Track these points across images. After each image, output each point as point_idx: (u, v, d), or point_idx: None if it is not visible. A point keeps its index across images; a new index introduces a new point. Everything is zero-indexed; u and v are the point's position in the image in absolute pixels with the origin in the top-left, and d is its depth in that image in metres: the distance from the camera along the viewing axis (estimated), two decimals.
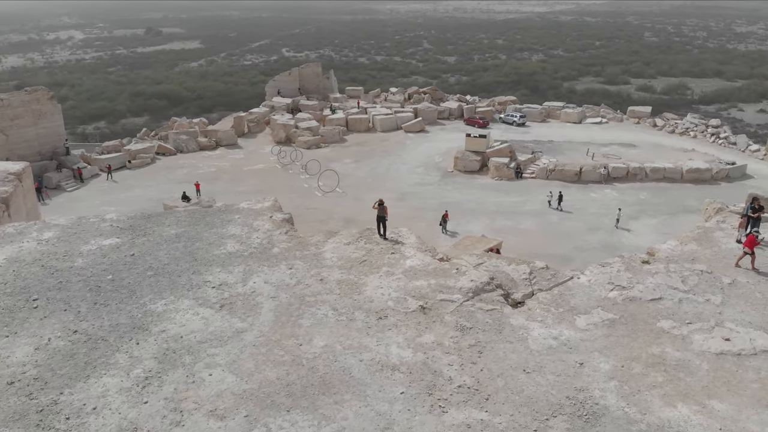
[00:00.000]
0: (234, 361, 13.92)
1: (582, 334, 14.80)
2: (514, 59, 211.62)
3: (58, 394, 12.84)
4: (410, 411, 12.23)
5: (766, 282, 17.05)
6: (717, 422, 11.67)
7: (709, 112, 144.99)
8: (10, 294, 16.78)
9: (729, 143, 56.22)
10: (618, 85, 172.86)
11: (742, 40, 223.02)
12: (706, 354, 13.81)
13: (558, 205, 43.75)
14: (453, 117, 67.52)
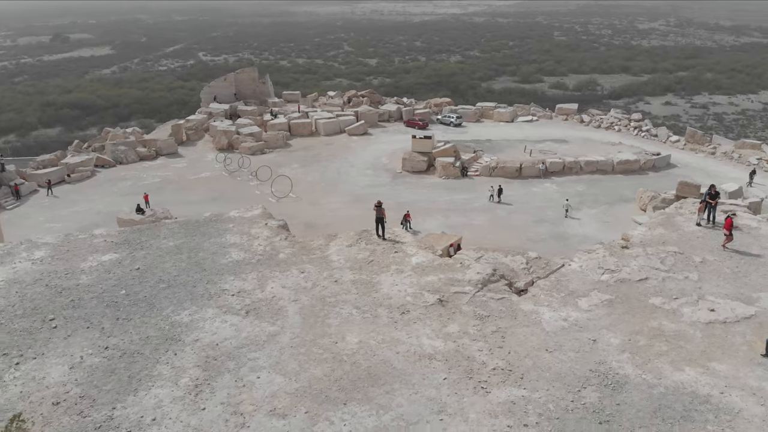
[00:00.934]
0: (277, 362, 14.50)
1: (587, 315, 16.42)
2: (433, 61, 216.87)
3: (111, 410, 13.00)
4: (457, 394, 13.31)
5: (730, 259, 19.41)
6: (721, 381, 13.52)
7: (618, 106, 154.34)
8: (22, 315, 16.50)
9: (651, 135, 61.17)
10: (533, 83, 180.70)
11: (645, 37, 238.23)
12: (697, 324, 15.76)
13: (498, 198, 46.03)
14: (393, 119, 68.99)
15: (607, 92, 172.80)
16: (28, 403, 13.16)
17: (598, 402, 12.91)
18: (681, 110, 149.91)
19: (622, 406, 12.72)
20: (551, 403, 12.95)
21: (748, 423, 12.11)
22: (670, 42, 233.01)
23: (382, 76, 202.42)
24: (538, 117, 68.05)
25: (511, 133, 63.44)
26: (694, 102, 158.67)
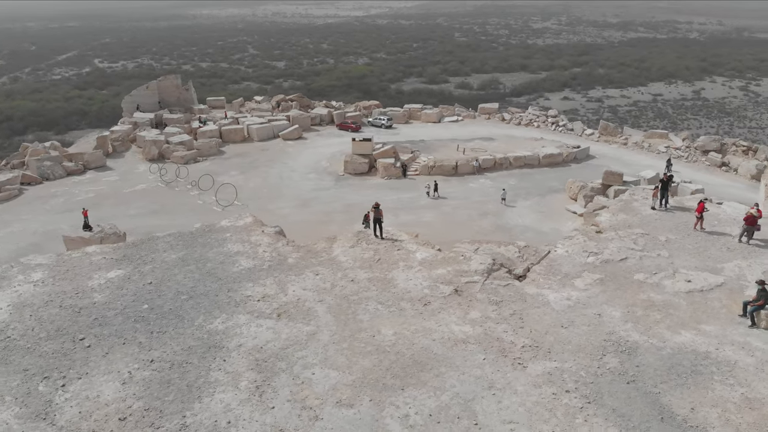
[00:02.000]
0: (325, 358, 15.40)
1: (585, 293, 18.49)
2: (342, 63, 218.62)
3: (182, 418, 13.43)
4: (499, 371, 14.84)
5: (688, 236, 22.27)
6: (713, 339, 15.91)
7: (521, 103, 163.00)
8: (48, 338, 16.31)
9: (567, 129, 65.94)
10: (439, 84, 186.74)
11: (539, 36, 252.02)
12: (679, 294, 18.23)
13: (435, 193, 48.35)
14: (324, 123, 69.72)
15: (509, 90, 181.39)
16: (93, 421, 13.30)
17: (620, 366, 14.88)
18: (578, 104, 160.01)
19: (641, 367, 14.75)
20: (582, 370, 14.76)
21: (744, 371, 14.48)
22: (563, 40, 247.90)
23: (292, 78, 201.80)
24: (463, 117, 71.28)
25: (440, 133, 66.12)
26: (589, 96, 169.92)
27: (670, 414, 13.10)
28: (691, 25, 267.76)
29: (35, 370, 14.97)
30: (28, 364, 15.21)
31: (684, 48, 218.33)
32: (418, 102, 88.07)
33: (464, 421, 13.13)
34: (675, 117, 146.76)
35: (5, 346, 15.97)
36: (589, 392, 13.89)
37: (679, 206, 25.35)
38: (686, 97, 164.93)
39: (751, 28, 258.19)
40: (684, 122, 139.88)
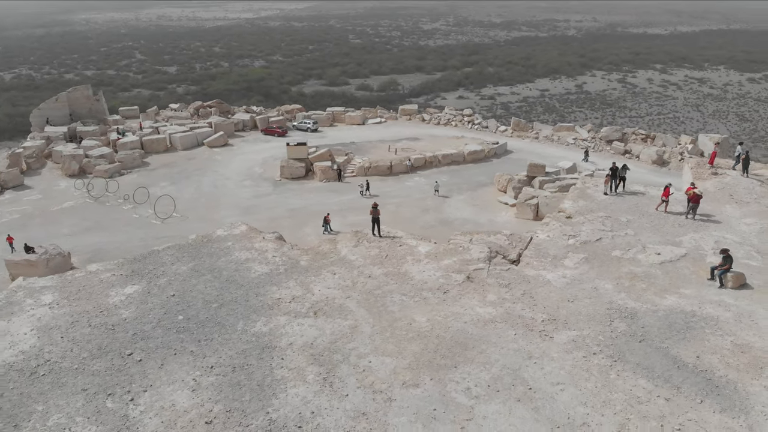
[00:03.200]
0: (375, 348, 16.71)
1: (576, 271, 21.01)
2: (237, 66, 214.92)
3: (266, 414, 14.27)
4: (532, 343, 16.86)
5: (644, 217, 25.56)
6: (694, 300, 18.85)
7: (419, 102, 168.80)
8: (92, 357, 16.38)
9: (482, 127, 70.00)
10: (340, 86, 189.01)
11: (430, 37, 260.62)
12: (654, 265, 21.19)
13: (368, 191, 50.26)
14: (248, 128, 69.25)
15: (408, 91, 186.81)
16: (179, 428, 13.82)
17: (628, 329, 17.39)
18: (473, 102, 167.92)
19: (645, 328, 17.34)
20: (599, 335, 17.11)
21: (726, 323, 17.46)
22: (452, 41, 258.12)
23: (186, 83, 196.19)
24: (385, 118, 73.53)
25: (367, 134, 67.94)
26: (482, 94, 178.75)
27: (682, 363, 15.70)
28: (568, 22, 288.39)
29: (95, 389, 15.09)
30: (84, 384, 15.27)
31: (564, 45, 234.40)
32: (321, 104, 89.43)
33: (519, 387, 15.00)
34: (562, 110, 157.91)
35: (51, 369, 15.86)
36: (612, 352, 16.23)
37: (628, 191, 28.80)
38: (570, 91, 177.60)
39: (624, 24, 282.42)
40: (570, 115, 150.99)
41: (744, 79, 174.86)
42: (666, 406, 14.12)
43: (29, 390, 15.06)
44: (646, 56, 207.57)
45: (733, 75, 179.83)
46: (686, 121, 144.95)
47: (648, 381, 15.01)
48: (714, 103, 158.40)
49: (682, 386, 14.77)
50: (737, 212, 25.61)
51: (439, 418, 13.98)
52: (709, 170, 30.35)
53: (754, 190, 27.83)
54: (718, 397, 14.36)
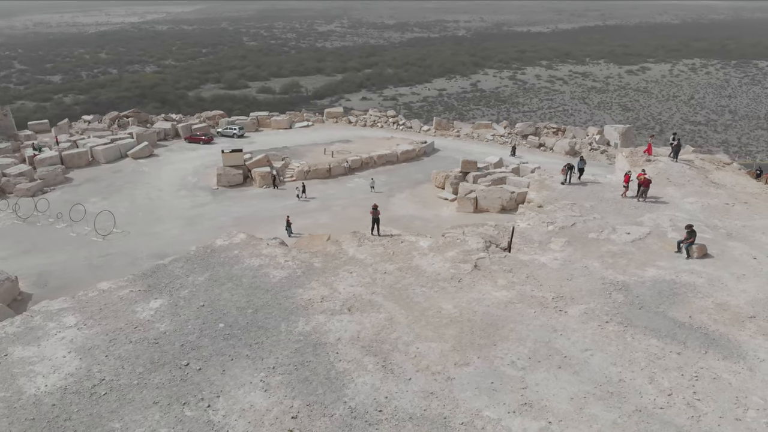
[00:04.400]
0: (417, 335, 18.15)
1: (564, 253, 23.51)
2: (127, 72, 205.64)
3: (344, 403, 15.34)
4: (552, 319, 19.02)
5: (603, 201, 28.67)
6: (670, 270, 21.84)
7: (324, 104, 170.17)
8: (147, 371, 16.61)
9: (407, 127, 72.54)
10: (240, 89, 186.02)
11: (326, 39, 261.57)
12: (627, 243, 24.13)
13: (303, 194, 51.15)
14: (170, 137, 67.31)
15: (311, 93, 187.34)
16: (269, 426, 14.59)
17: (626, 299, 20.01)
18: (376, 103, 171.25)
19: (640, 297, 20.04)
20: (605, 306, 19.58)
21: (703, 288, 20.54)
22: (349, 42, 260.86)
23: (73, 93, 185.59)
24: (312, 122, 74.16)
25: (297, 138, 68.37)
26: (384, 95, 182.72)
27: (680, 323, 18.46)
28: (458, 23, 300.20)
29: (167, 400, 15.42)
30: (153, 397, 15.54)
31: (456, 45, 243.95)
32: (222, 109, 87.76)
33: (555, 356, 17.05)
34: (460, 108, 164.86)
35: (110, 387, 15.92)
36: (621, 320, 18.72)
37: (577, 182, 31.98)
38: (466, 89, 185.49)
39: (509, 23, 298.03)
40: (469, 112, 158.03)
41: (623, 72, 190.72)
42: (679, 359, 16.72)
43: (97, 410, 15.12)
44: (532, 54, 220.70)
45: (612, 68, 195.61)
46: (574, 113, 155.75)
47: (658, 340, 17.59)
48: (598, 95, 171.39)
49: (686, 342, 17.47)
50: (678, 193, 29.43)
51: (499, 390, 15.71)
52: (644, 158, 34.28)
53: (686, 173, 31.97)
54: (718, 348, 17.18)
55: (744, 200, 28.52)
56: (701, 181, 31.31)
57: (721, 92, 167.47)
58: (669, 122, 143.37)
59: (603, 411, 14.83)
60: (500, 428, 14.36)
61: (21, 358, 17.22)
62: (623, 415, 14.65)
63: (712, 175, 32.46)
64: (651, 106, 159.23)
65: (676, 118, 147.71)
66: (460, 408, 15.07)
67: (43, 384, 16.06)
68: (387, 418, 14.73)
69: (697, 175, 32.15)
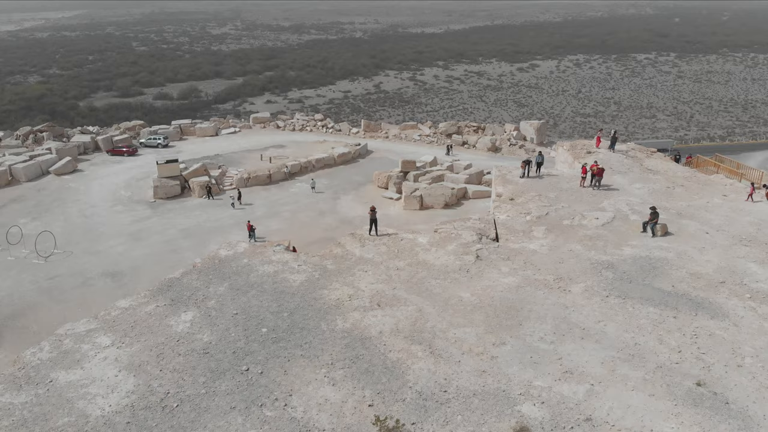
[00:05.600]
0: (450, 323, 19.78)
1: (548, 240, 26.02)
2: (8, 84, 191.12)
3: (409, 388, 16.67)
4: (560, 297, 21.30)
5: (562, 191, 31.61)
6: (643, 248, 24.86)
7: (227, 109, 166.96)
8: (210, 380, 17.08)
9: (336, 130, 73.41)
10: (134, 96, 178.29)
11: (221, 42, 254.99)
12: (598, 227, 27.04)
13: (239, 201, 51.20)
14: (90, 150, 64.10)
15: (212, 97, 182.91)
16: (350, 415, 15.65)
17: (615, 275, 22.74)
18: (282, 106, 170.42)
19: (626, 272, 22.85)
20: (601, 283, 22.15)
21: (674, 260, 23.70)
22: (246, 45, 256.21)
23: None
24: (240, 128, 73.37)
25: (228, 145, 67.56)
26: (290, 97, 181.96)
27: (666, 292, 21.38)
28: (353, 25, 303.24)
29: (243, 404, 16.03)
30: (228, 403, 16.08)
31: (355, 47, 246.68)
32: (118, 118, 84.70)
33: (575, 329, 19.32)
34: (367, 110, 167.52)
35: (180, 399, 16.25)
36: (618, 293, 21.37)
37: (534, 175, 34.86)
38: (370, 91, 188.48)
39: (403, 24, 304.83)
40: (376, 113, 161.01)
41: (514, 69, 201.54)
42: (677, 322, 19.53)
43: (177, 421, 15.47)
44: (428, 54, 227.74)
45: (504, 66, 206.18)
46: (474, 111, 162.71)
47: (654, 308, 20.36)
48: (493, 93, 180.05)
49: (678, 307, 20.36)
50: (624, 180, 33.07)
51: (539, 362, 17.69)
52: (584, 150, 37.87)
53: (624, 162, 35.83)
54: (704, 310, 20.20)
55: (680, 183, 32.62)
56: (638, 168, 35.26)
57: (605, 85, 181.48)
58: (561, 115, 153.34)
59: (631, 371, 17.20)
60: (554, 394, 16.32)
61: (69, 382, 17.03)
62: (649, 372, 17.10)
63: (645, 163, 36.58)
64: (543, 101, 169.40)
65: (567, 112, 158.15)
66: (512, 381, 16.88)
67: (106, 405, 16.08)
68: (453, 396, 16.26)
69: (634, 163, 36.12)
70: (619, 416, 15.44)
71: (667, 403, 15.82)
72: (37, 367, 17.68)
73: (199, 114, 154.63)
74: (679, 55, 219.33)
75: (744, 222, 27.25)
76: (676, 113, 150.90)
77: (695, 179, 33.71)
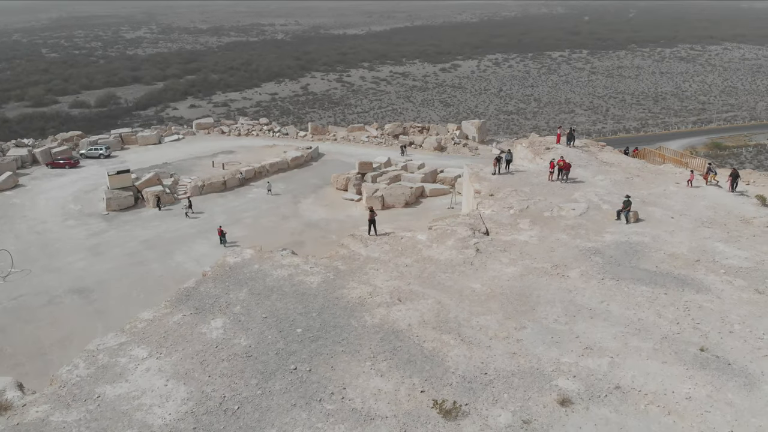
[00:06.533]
0: (471, 312, 21.21)
1: (534, 231, 28.00)
2: None
3: (452, 373, 17.97)
4: (561, 282, 23.21)
5: (534, 185, 33.80)
6: (621, 234, 27.24)
7: (149, 116, 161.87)
8: (263, 380, 17.68)
9: (283, 134, 73.19)
10: (49, 105, 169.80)
11: (137, 46, 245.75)
12: (577, 217, 29.31)
13: (190, 209, 50.75)
14: (28, 164, 60.91)
15: (132, 104, 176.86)
16: (407, 402, 16.74)
17: (603, 259, 24.94)
18: (207, 110, 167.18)
19: (613, 256, 25.11)
20: (594, 267, 24.24)
21: (651, 243, 26.21)
22: (163, 49, 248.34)
23: None
24: (183, 135, 71.85)
25: (174, 153, 66.15)
26: (214, 101, 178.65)
27: (652, 272, 23.75)
28: (274, 26, 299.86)
29: (302, 401, 16.74)
30: (287, 400, 16.75)
31: (278, 49, 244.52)
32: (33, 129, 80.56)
33: (583, 310, 21.25)
34: (297, 112, 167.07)
35: (239, 402, 16.75)
36: (612, 275, 23.53)
37: (505, 172, 36.95)
38: (298, 93, 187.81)
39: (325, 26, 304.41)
40: (306, 115, 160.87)
41: (437, 70, 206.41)
42: (668, 297, 21.87)
43: (243, 422, 16.00)
44: (353, 56, 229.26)
45: (428, 67, 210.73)
46: (403, 111, 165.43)
47: (646, 287, 22.65)
48: (420, 93, 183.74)
49: (666, 285, 22.74)
50: (587, 173, 35.76)
51: (560, 341, 19.45)
52: (543, 146, 40.44)
53: (582, 156, 38.63)
54: (689, 285, 22.68)
55: (636, 174, 35.68)
56: (596, 161, 38.16)
57: (524, 83, 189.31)
58: (485, 114, 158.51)
59: (641, 342, 19.27)
60: (581, 368, 18.08)
61: (118, 395, 17.12)
62: (656, 343, 19.22)
63: (600, 156, 39.59)
64: (467, 100, 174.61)
65: (491, 110, 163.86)
66: (542, 360, 18.52)
67: (165, 413, 16.36)
68: (494, 377, 17.69)
69: (590, 157, 39.02)
70: (642, 383, 17.38)
71: (680, 368, 17.93)
72: (79, 384, 17.60)
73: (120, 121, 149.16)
74: (591, 52, 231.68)
75: (700, 206, 30.38)
76: (593, 107, 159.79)
77: (647, 169, 36.92)
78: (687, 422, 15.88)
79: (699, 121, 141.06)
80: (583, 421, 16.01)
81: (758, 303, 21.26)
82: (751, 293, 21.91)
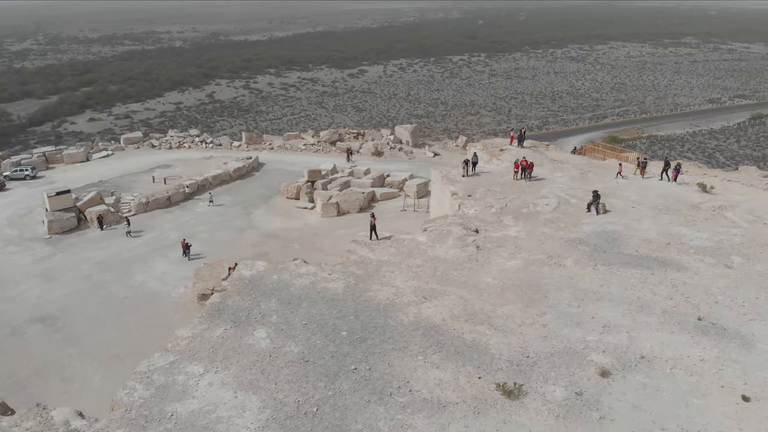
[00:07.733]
0: (494, 303, 23.05)
1: (520, 227, 30.37)
2: None
3: (498, 359, 19.70)
4: (562, 271, 25.61)
5: (504, 185, 36.28)
6: (596, 224, 30.12)
7: (45, 131, 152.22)
8: (329, 383, 18.56)
9: (216, 145, 71.62)
10: None
11: (25, 58, 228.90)
12: (553, 212, 31.97)
13: (128, 225, 49.35)
14: None
15: (26, 120, 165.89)
16: (469, 389, 18.25)
17: (589, 248, 27.65)
18: (109, 123, 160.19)
19: (596, 245, 27.90)
20: (584, 256, 26.85)
21: (626, 231, 29.28)
22: (53, 60, 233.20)
23: None
24: (113, 150, 68.85)
25: (105, 170, 63.50)
26: (115, 113, 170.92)
27: (634, 256, 26.69)
28: (171, 34, 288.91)
29: (375, 397, 17.77)
30: (360, 398, 17.72)
31: (178, 57, 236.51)
32: None
33: (589, 294, 23.72)
34: (205, 120, 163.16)
35: (315, 404, 17.52)
36: (602, 262, 26.24)
37: (473, 173, 39.23)
38: (204, 101, 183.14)
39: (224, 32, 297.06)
40: (215, 124, 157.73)
41: (345, 75, 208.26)
42: (656, 277, 24.82)
43: (330, 422, 16.80)
44: (258, 62, 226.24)
45: (336, 73, 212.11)
46: (317, 117, 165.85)
47: (635, 269, 25.53)
48: (331, 99, 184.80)
49: (651, 267, 25.73)
50: (544, 171, 38.80)
51: (581, 322, 21.73)
52: (497, 148, 43.23)
53: (534, 156, 41.73)
54: (669, 265, 25.80)
55: (587, 170, 39.21)
56: (548, 160, 41.43)
57: (430, 86, 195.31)
58: (397, 118, 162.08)
59: (647, 318, 21.95)
60: (606, 343, 20.41)
61: (192, 411, 17.37)
62: (660, 316, 21.97)
63: (548, 155, 42.95)
64: (378, 105, 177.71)
65: (402, 114, 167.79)
66: (570, 339, 20.68)
67: (248, 423, 16.86)
68: (537, 359, 19.62)
69: (541, 156, 42.27)
70: (660, 351, 19.95)
71: (686, 336, 20.71)
72: (146, 406, 17.63)
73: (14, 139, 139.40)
74: (489, 54, 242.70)
75: (653, 196, 34.12)
76: (496, 108, 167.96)
77: (594, 165, 40.62)
78: (708, 380, 18.54)
79: (594, 117, 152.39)
80: (625, 388, 18.26)
81: (730, 276, 24.68)
82: (722, 269, 25.34)
